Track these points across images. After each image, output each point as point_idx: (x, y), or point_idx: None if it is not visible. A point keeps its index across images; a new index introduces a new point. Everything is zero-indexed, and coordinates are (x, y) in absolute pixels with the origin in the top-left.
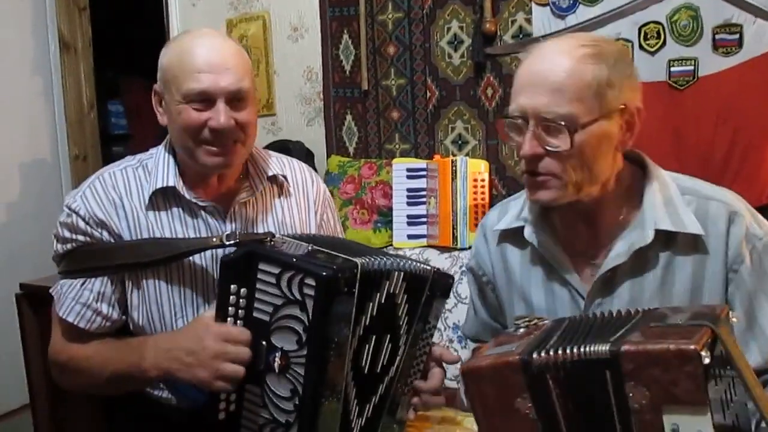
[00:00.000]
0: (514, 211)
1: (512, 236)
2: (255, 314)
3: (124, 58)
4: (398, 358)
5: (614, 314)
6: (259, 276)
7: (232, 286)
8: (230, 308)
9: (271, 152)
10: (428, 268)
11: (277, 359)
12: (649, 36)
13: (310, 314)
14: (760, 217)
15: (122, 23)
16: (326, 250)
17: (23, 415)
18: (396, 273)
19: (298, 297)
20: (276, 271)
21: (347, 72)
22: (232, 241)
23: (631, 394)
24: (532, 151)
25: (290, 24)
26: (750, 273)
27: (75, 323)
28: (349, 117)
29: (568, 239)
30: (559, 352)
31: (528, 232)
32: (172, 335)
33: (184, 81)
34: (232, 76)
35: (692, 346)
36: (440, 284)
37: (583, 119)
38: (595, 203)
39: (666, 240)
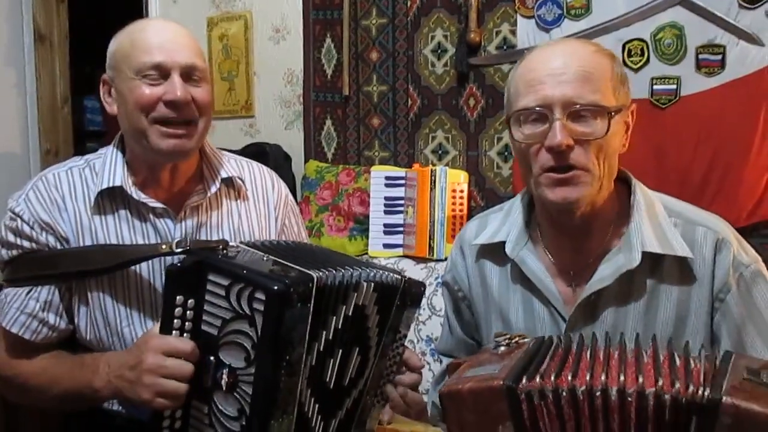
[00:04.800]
0: (495, 224)
1: (492, 251)
2: (203, 327)
3: (103, 54)
4: (368, 370)
5: (599, 340)
6: (209, 287)
7: (178, 297)
8: (176, 320)
9: (229, 154)
10: (398, 277)
11: (224, 376)
12: (632, 53)
13: (260, 331)
14: (746, 243)
15: (102, 18)
16: (283, 261)
17: None
18: (365, 284)
19: (248, 311)
20: (226, 282)
21: (329, 76)
22: (182, 249)
23: None
24: (567, 141)
25: (272, 25)
26: (737, 302)
27: (20, 334)
28: (328, 122)
29: (552, 258)
30: (551, 378)
31: (510, 248)
32: (122, 352)
33: (136, 57)
34: (186, 51)
35: None
36: (411, 293)
37: (611, 107)
38: (587, 219)
39: (652, 265)
